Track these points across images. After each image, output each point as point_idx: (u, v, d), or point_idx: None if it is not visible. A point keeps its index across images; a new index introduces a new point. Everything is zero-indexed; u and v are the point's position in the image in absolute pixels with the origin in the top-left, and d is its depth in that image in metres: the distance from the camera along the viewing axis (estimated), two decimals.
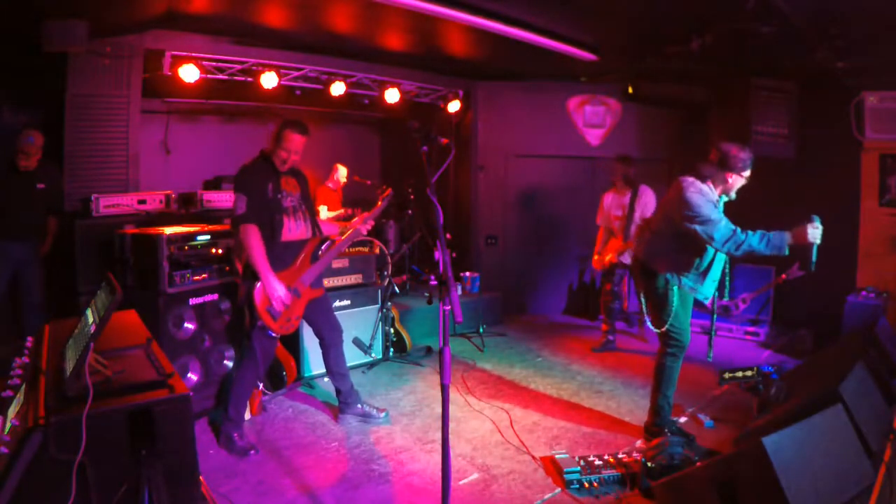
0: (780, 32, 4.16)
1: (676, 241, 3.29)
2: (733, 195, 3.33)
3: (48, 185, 4.41)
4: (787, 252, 3.14)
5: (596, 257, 5.49)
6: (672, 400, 3.54)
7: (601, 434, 3.65)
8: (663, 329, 3.40)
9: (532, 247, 6.84)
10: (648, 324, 3.50)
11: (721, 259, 3.36)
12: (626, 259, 5.09)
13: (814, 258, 3.09)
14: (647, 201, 5.15)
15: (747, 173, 3.21)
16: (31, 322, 4.36)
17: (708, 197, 3.20)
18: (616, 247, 5.26)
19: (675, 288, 3.34)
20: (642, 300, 3.55)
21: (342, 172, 6.71)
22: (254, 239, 3.15)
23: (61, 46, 3.97)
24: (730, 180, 3.23)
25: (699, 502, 2.45)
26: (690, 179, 3.27)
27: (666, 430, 3.38)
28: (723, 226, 3.10)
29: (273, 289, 3.20)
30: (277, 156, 3.30)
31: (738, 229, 3.10)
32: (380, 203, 3.67)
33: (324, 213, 6.26)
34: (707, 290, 3.40)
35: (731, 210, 3.64)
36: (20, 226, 4.32)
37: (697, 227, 3.13)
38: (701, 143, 6.95)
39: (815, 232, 2.98)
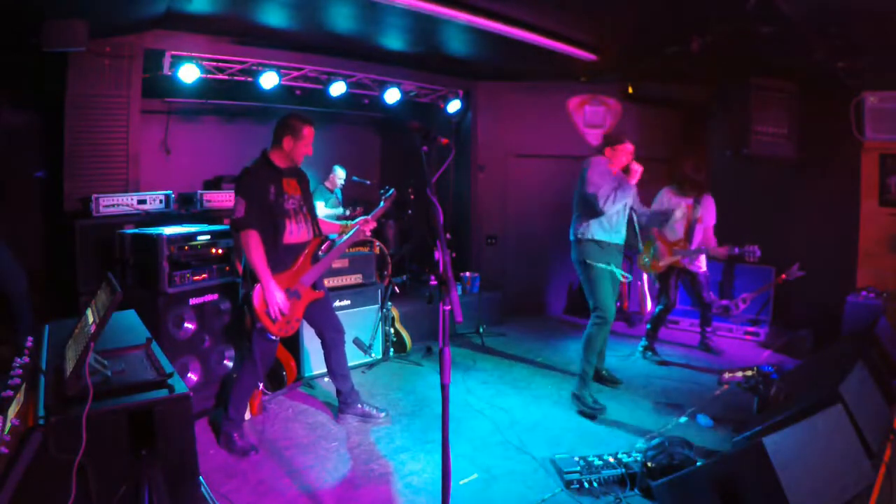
0: (780, 32, 4.16)
1: (583, 205, 4.03)
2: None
3: None
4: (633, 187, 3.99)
5: (646, 260, 5.23)
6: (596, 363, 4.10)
7: (601, 434, 3.66)
8: (594, 304, 3.98)
9: (532, 247, 6.82)
10: (589, 303, 3.99)
11: (623, 213, 4.07)
12: (688, 263, 5.03)
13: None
14: (711, 210, 5.02)
15: (622, 146, 4.04)
16: (22, 313, 4.10)
17: (603, 167, 3.99)
18: (670, 250, 5.06)
19: (601, 266, 3.94)
20: (582, 283, 4.08)
21: (340, 174, 6.69)
22: (254, 244, 3.13)
23: (61, 46, 3.96)
24: (612, 155, 4.07)
25: (699, 502, 2.46)
26: (595, 158, 4.07)
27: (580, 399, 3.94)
28: (602, 191, 3.86)
29: (272, 296, 3.16)
30: (298, 152, 3.31)
31: (609, 192, 3.87)
32: (384, 203, 3.63)
33: (320, 210, 6.24)
34: (617, 239, 4.06)
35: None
36: None
37: (588, 192, 3.91)
38: (701, 143, 6.98)
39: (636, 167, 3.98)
